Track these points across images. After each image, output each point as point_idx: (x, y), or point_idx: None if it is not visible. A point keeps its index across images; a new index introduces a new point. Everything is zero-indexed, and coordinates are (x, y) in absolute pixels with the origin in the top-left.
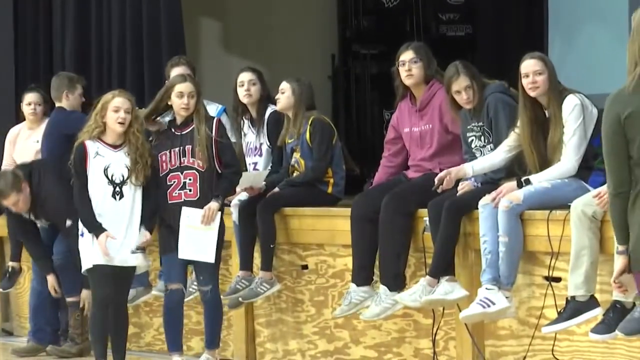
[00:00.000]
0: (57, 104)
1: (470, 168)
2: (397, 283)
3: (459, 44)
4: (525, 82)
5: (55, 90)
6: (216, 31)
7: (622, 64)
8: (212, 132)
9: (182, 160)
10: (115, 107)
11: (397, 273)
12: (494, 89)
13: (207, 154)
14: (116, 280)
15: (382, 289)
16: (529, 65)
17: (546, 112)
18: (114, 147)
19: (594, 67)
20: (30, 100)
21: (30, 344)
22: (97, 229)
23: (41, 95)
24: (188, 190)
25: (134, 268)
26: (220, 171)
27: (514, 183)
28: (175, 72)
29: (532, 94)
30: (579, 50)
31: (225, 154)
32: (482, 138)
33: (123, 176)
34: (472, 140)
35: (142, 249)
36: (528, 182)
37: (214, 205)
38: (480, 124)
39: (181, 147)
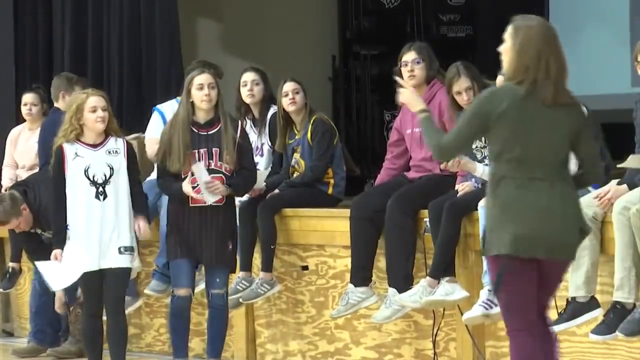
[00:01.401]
0: (55, 104)
1: (481, 168)
2: (406, 284)
3: (459, 45)
4: None
5: (55, 90)
6: (215, 32)
7: (622, 65)
8: (237, 134)
9: (208, 163)
10: (92, 107)
11: (407, 274)
12: None
13: (234, 158)
14: (109, 285)
15: (392, 291)
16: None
17: None
18: (94, 146)
19: (595, 67)
20: (26, 101)
21: (31, 345)
22: (60, 242)
23: (38, 96)
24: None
25: (127, 270)
26: None
27: None
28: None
29: None
30: (579, 51)
31: (245, 158)
32: (483, 139)
33: (105, 176)
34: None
35: (130, 249)
36: None
37: (223, 187)
38: None
39: (207, 149)
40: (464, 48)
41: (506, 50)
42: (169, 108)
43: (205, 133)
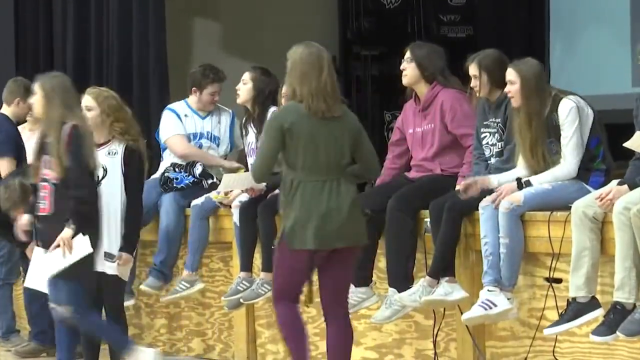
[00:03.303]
0: (3, 108)
1: (495, 180)
2: (406, 285)
3: (460, 45)
4: None
5: (9, 94)
6: (214, 32)
7: (623, 65)
8: (63, 141)
9: (44, 171)
10: (84, 106)
11: (407, 274)
12: None
13: (62, 165)
14: (106, 288)
15: (391, 291)
16: (506, 74)
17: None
18: (97, 146)
19: (596, 68)
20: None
21: (32, 346)
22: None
23: None
24: (42, 204)
25: (115, 276)
26: None
27: (514, 184)
28: (212, 88)
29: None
30: (580, 51)
31: (69, 170)
32: (496, 135)
33: (98, 177)
34: (485, 136)
35: (112, 256)
36: (529, 183)
37: (65, 233)
38: (498, 120)
39: (44, 156)
40: (465, 48)
41: None
42: (180, 107)
43: (48, 141)
